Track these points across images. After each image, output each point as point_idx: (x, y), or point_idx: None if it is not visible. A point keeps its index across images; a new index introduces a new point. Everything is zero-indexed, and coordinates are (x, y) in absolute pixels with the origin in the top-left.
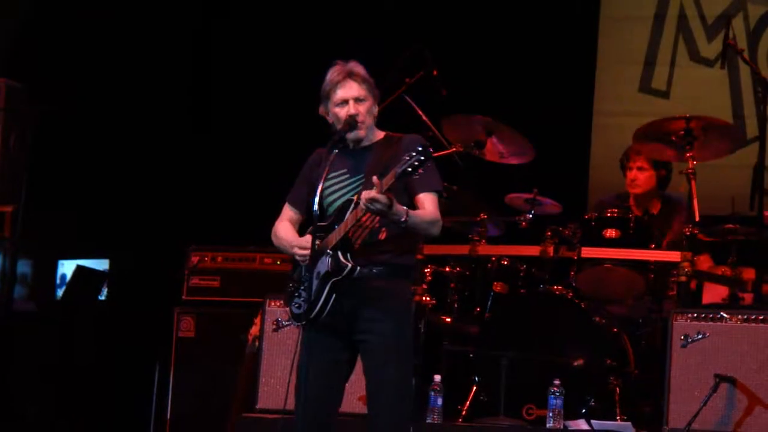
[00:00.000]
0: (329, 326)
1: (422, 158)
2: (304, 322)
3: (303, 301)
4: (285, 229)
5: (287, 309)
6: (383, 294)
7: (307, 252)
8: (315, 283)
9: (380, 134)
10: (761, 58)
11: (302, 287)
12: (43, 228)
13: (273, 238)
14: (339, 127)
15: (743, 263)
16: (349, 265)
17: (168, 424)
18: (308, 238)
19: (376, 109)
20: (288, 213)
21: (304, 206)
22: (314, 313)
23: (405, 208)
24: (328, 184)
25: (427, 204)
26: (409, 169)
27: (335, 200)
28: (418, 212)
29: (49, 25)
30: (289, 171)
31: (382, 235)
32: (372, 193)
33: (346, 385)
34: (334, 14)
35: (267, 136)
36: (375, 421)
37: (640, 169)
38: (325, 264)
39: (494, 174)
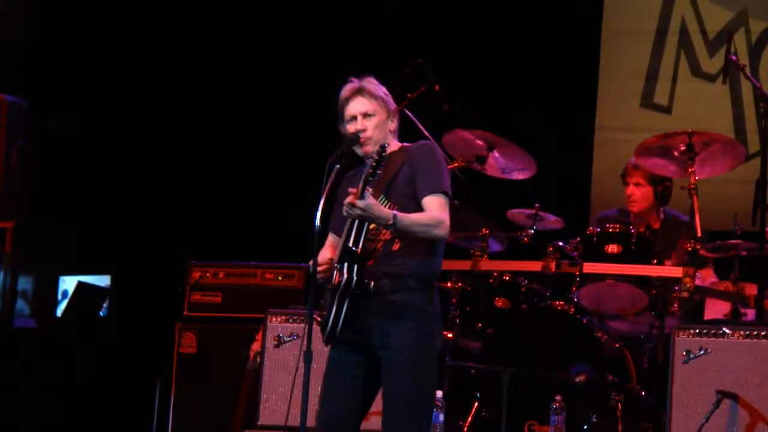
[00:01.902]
0: (352, 343)
1: (375, 158)
2: (324, 338)
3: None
4: (322, 253)
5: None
6: (400, 308)
7: (321, 268)
8: (328, 298)
9: (396, 146)
10: (763, 73)
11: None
12: (44, 244)
13: None
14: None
15: (745, 279)
16: (346, 277)
17: None
18: (326, 255)
19: (392, 124)
20: (329, 240)
21: (340, 227)
22: (329, 328)
23: (391, 211)
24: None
25: (429, 206)
26: (370, 171)
27: None
28: (410, 215)
29: (51, 41)
30: (291, 187)
31: (396, 246)
32: (350, 198)
33: None
34: (335, 33)
35: (269, 151)
36: None
37: (636, 185)
38: (333, 278)
39: (496, 189)
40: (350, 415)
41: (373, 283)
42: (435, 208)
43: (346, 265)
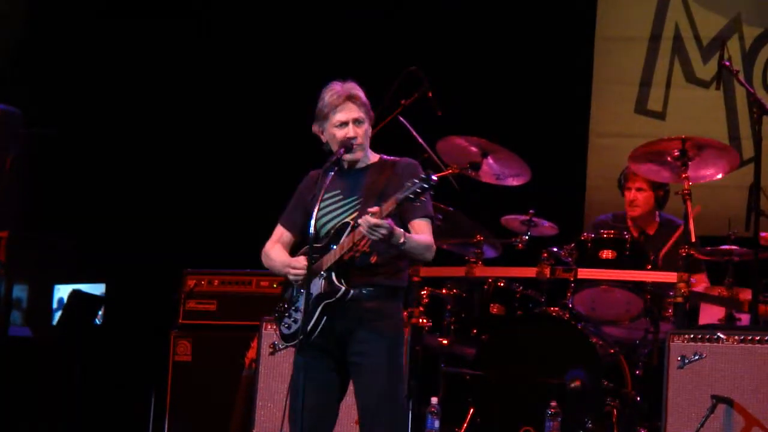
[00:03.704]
0: (321, 347)
1: (425, 186)
2: (293, 343)
3: (293, 321)
4: (277, 250)
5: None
6: (375, 315)
7: (301, 272)
8: (307, 304)
9: (375, 157)
10: (756, 79)
11: (293, 308)
12: (39, 253)
13: (264, 259)
14: (335, 148)
15: (740, 284)
16: (343, 288)
17: None
18: (301, 258)
19: (370, 131)
20: (280, 235)
21: (297, 228)
22: (305, 334)
23: (402, 230)
24: (322, 205)
25: (422, 229)
26: (411, 196)
27: (328, 222)
28: (413, 236)
29: (45, 49)
30: (286, 194)
31: (374, 258)
32: (374, 219)
33: (342, 407)
34: (327, 40)
35: (263, 160)
36: None
37: (639, 189)
38: (318, 286)
39: (490, 195)
40: (327, 419)
41: (351, 292)
42: (427, 232)
43: (334, 275)
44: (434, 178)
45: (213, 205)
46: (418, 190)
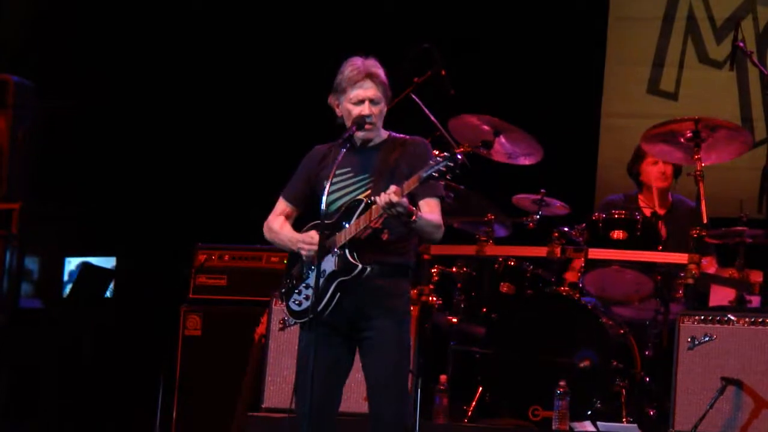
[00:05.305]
0: (330, 324)
1: (450, 164)
2: (304, 320)
3: (304, 298)
4: (281, 224)
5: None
6: (385, 292)
7: (314, 248)
8: (320, 281)
9: (384, 134)
10: None
11: (303, 284)
12: (50, 225)
13: (266, 233)
14: (348, 124)
15: (751, 266)
16: (360, 266)
17: (173, 422)
18: (312, 234)
19: (385, 110)
20: (283, 208)
21: (300, 202)
22: (318, 311)
23: (414, 208)
24: (332, 181)
25: (432, 209)
26: (435, 174)
27: (338, 198)
28: (426, 215)
29: (57, 23)
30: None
31: (385, 236)
32: (393, 197)
33: (352, 383)
34: (340, 16)
35: (274, 135)
36: (378, 419)
37: (666, 163)
38: (331, 263)
39: (502, 174)
40: (335, 395)
41: (368, 269)
42: (437, 212)
43: (348, 252)
44: (459, 156)
45: (225, 180)
46: (443, 169)
